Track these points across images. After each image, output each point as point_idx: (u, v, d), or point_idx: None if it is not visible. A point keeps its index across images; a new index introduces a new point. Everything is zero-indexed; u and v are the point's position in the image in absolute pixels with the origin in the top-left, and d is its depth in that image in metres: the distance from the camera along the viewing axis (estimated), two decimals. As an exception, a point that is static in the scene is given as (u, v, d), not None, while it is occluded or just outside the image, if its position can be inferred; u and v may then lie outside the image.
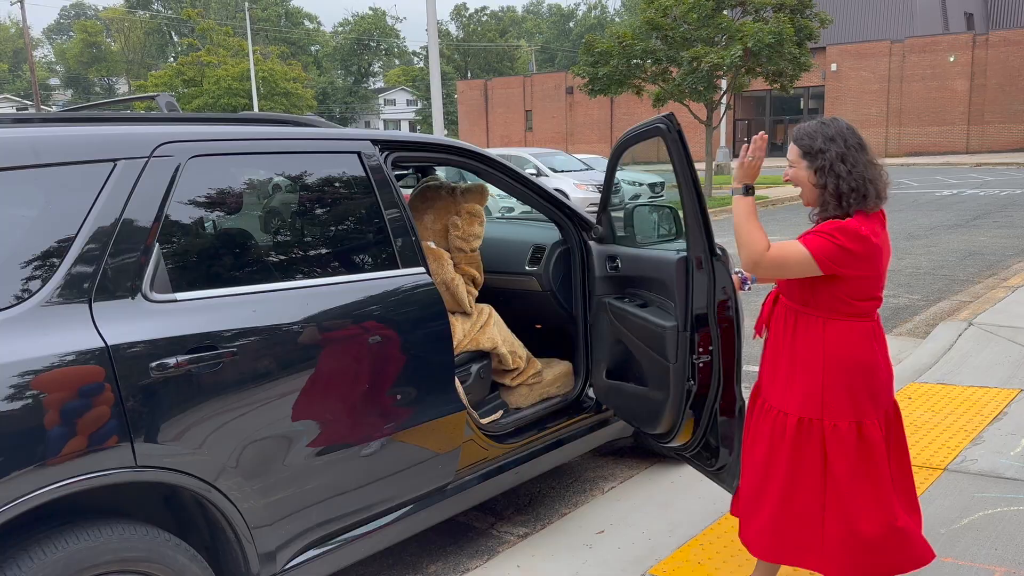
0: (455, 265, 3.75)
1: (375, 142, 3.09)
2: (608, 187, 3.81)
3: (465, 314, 3.76)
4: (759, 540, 2.69)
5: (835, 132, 2.49)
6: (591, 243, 3.82)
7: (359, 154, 3.00)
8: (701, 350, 3.11)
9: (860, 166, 2.46)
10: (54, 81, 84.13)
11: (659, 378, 3.25)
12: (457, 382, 3.18)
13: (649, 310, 3.38)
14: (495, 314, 3.86)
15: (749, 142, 2.64)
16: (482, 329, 3.75)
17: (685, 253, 3.16)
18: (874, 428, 2.55)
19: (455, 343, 3.46)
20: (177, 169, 2.47)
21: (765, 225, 2.65)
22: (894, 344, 6.57)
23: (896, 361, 6.02)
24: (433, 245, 3.72)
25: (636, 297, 3.54)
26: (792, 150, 2.57)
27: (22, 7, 45.18)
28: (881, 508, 2.56)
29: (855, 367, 2.52)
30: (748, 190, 2.63)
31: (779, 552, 2.66)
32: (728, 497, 3.85)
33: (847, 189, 2.45)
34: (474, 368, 3.71)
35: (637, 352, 3.40)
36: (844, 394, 2.53)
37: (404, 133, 3.69)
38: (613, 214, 3.88)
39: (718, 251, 3.11)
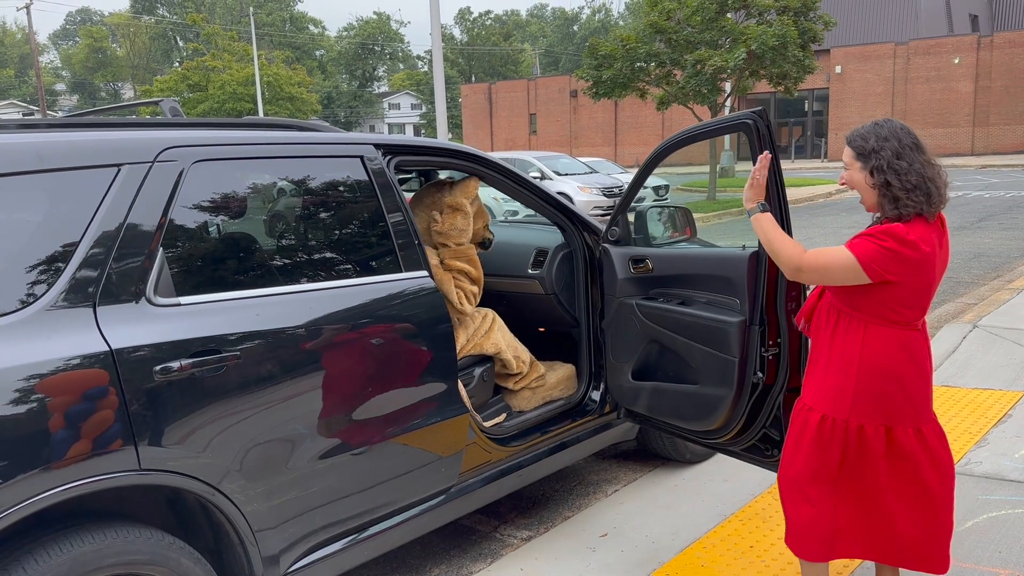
0: (441, 261, 3.69)
1: (378, 146, 3.10)
2: (637, 188, 3.75)
3: (468, 317, 3.75)
4: (788, 536, 2.69)
5: (889, 132, 2.45)
6: (607, 245, 3.80)
7: (362, 158, 3.02)
8: (770, 343, 3.13)
9: (918, 164, 2.42)
10: (60, 86, 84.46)
11: (718, 374, 3.23)
12: (460, 385, 3.19)
13: (699, 307, 3.36)
14: (498, 319, 3.85)
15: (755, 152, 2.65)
16: (486, 335, 3.75)
17: (756, 249, 3.15)
18: (907, 436, 2.52)
19: (458, 348, 3.46)
20: (181, 174, 2.48)
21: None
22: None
23: (900, 363, 6.01)
24: None
25: (670, 297, 3.53)
26: (846, 152, 2.54)
27: (28, 13, 45.40)
28: (906, 511, 2.56)
29: (891, 374, 2.48)
30: (764, 207, 2.67)
31: (805, 548, 2.64)
32: (731, 499, 3.86)
33: (910, 186, 2.40)
34: (477, 371, 3.72)
35: (684, 350, 3.38)
36: (874, 398, 2.50)
37: (406, 137, 3.71)
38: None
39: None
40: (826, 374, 2.59)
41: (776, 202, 3.00)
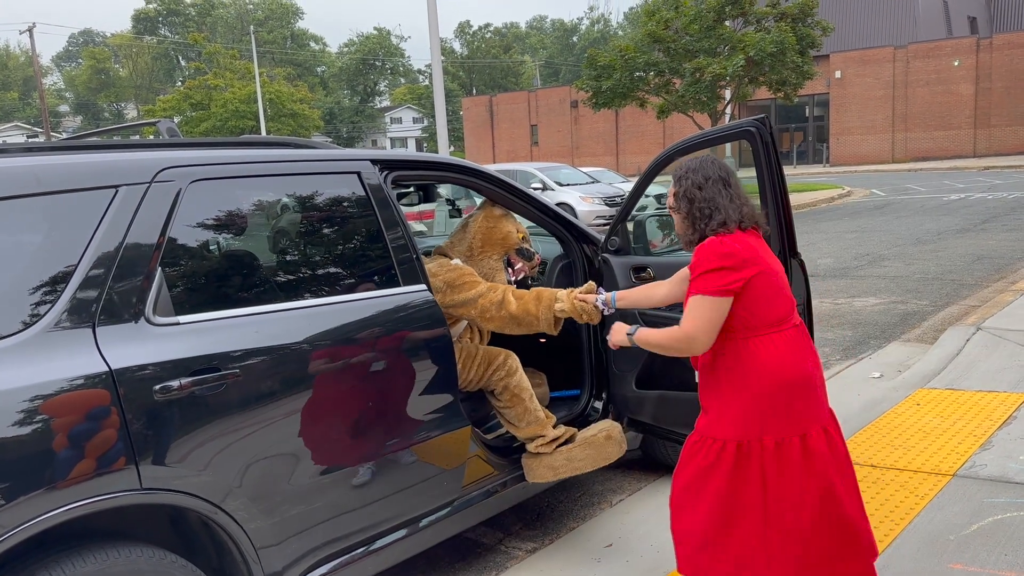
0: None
1: (374, 162, 3.12)
2: (637, 198, 3.75)
3: (483, 350, 3.54)
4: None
5: (699, 164, 2.62)
6: (606, 255, 3.80)
7: (359, 174, 3.04)
8: None
9: (718, 196, 2.54)
10: (64, 108, 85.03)
11: None
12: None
13: None
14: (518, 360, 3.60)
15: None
16: (510, 373, 3.47)
17: None
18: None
19: (471, 378, 3.45)
20: (178, 194, 2.50)
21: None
22: (902, 350, 6.56)
23: (905, 367, 6.00)
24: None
25: (673, 304, 3.53)
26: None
27: (31, 36, 45.75)
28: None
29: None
30: (634, 329, 2.76)
31: None
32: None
33: (699, 214, 2.56)
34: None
35: None
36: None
37: (403, 152, 3.72)
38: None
39: (799, 253, 3.18)
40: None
41: (778, 210, 3.02)
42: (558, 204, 9.38)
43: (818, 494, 2.47)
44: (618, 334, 2.82)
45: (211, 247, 2.67)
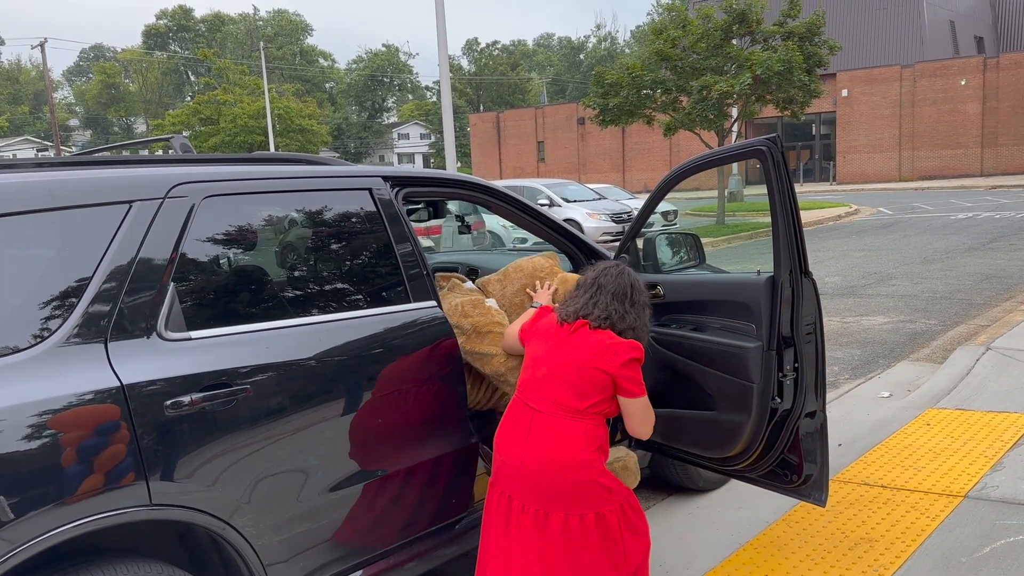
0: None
1: (386, 178, 3.13)
2: (647, 215, 3.76)
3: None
4: None
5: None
6: None
7: (370, 190, 3.04)
8: (788, 367, 3.14)
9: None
10: (74, 122, 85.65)
11: (735, 400, 3.22)
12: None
13: (713, 333, 3.36)
14: None
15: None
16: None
17: (771, 274, 3.18)
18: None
19: (479, 399, 3.44)
20: (191, 209, 2.51)
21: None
22: (912, 370, 6.53)
23: (914, 387, 5.97)
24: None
25: (683, 323, 3.52)
26: None
27: (42, 51, 46.18)
28: None
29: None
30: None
31: None
32: (745, 527, 3.82)
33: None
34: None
35: (700, 377, 3.36)
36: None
37: (414, 169, 3.73)
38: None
39: (811, 272, 3.19)
40: None
41: (789, 228, 3.02)
42: (565, 220, 9.39)
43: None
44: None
45: (223, 263, 2.67)
